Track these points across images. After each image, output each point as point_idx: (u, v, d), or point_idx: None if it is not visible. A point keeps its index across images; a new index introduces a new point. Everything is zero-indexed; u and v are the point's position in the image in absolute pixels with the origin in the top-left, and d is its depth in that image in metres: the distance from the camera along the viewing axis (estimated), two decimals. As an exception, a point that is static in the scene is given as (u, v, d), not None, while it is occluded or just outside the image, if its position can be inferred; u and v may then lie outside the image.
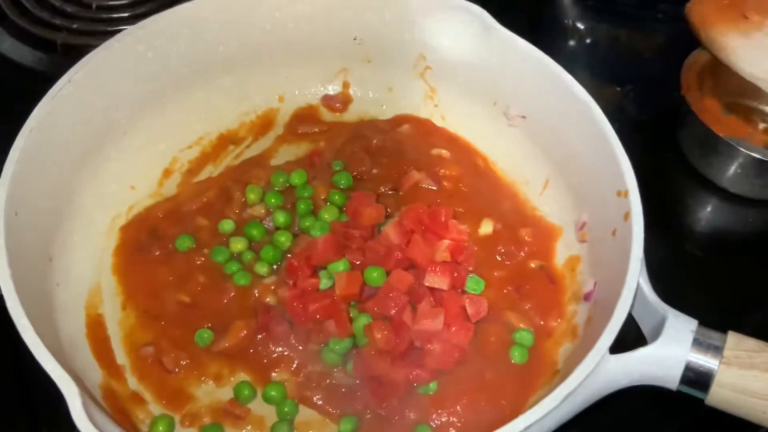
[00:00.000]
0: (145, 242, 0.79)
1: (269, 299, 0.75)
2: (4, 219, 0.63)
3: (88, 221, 0.78)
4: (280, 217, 0.80)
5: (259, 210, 0.81)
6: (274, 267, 0.78)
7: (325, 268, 0.74)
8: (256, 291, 0.75)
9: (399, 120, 0.93)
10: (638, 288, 0.63)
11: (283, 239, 0.79)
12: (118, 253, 0.79)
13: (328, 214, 0.80)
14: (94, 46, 0.78)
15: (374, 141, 0.89)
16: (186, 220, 0.81)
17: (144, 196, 0.83)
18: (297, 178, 0.84)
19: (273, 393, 0.69)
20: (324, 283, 0.73)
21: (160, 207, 0.82)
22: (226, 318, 0.74)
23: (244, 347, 0.72)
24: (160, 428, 0.66)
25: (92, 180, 0.79)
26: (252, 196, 0.82)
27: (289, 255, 0.77)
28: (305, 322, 0.71)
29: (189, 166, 0.87)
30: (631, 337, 0.67)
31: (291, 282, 0.74)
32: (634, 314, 0.66)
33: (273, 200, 0.82)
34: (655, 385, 0.62)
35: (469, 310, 0.71)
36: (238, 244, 0.79)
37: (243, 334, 0.72)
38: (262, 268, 0.77)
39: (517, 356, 0.71)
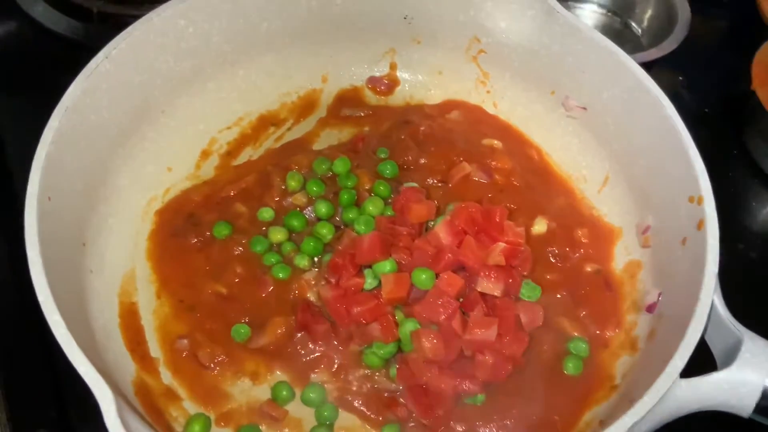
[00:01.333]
0: (182, 228, 0.76)
1: (309, 295, 0.71)
2: (37, 205, 0.59)
3: (124, 204, 0.75)
4: (323, 208, 0.76)
5: (300, 199, 0.77)
6: (315, 260, 0.74)
7: (370, 267, 0.70)
8: (295, 286, 0.71)
9: (448, 105, 0.88)
10: (712, 306, 0.58)
11: (325, 231, 0.75)
12: (152, 238, 0.76)
13: (373, 207, 0.75)
14: (132, 16, 0.74)
15: (422, 128, 0.84)
16: (224, 206, 0.77)
17: (181, 178, 0.80)
18: (340, 165, 0.79)
19: (312, 395, 0.66)
20: (369, 283, 0.69)
21: (197, 190, 0.79)
22: (264, 313, 0.70)
23: (282, 345, 0.69)
24: (196, 428, 0.63)
25: (129, 161, 0.75)
26: (293, 184, 0.78)
27: (331, 250, 0.73)
28: (348, 324, 0.67)
29: (228, 147, 0.83)
30: (695, 356, 0.62)
31: (334, 281, 0.70)
32: (705, 335, 0.61)
33: (315, 189, 0.78)
34: (726, 411, 0.58)
35: (524, 319, 0.67)
36: (277, 234, 0.75)
37: (281, 332, 0.69)
38: (302, 261, 0.73)
39: (571, 367, 0.67)
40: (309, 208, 0.78)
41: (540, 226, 0.77)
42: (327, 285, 0.70)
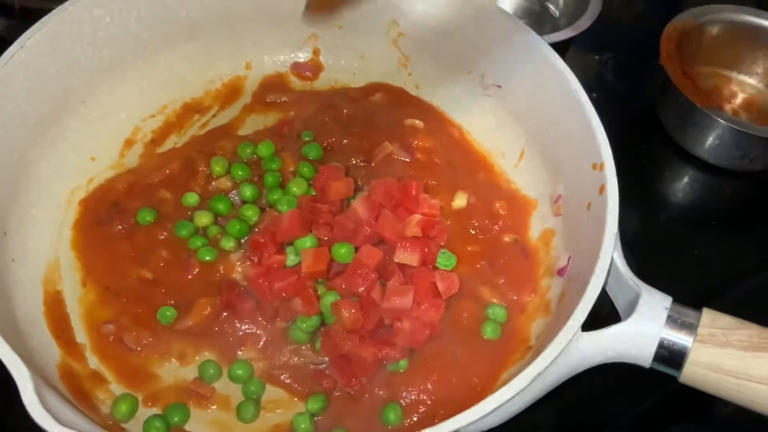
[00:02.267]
0: (105, 216, 0.76)
1: (235, 276, 0.72)
2: (-49, 193, 0.59)
3: (46, 194, 0.75)
4: (247, 191, 0.77)
5: (225, 183, 0.79)
6: (241, 242, 0.75)
7: (291, 244, 0.71)
8: (221, 267, 0.73)
9: (371, 88, 0.90)
10: (612, 263, 0.61)
11: (250, 213, 0.76)
12: (77, 227, 0.76)
13: (297, 188, 0.77)
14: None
15: (345, 110, 0.86)
16: (148, 193, 0.78)
17: (105, 167, 0.80)
18: (264, 149, 0.81)
19: (239, 372, 0.67)
20: (291, 260, 0.71)
21: (121, 179, 0.79)
22: (190, 295, 0.71)
23: (208, 325, 0.70)
24: (123, 408, 0.64)
25: (49, 151, 0.75)
26: (218, 168, 0.79)
27: (255, 230, 0.74)
28: (271, 300, 0.69)
29: (152, 136, 0.84)
30: (604, 314, 0.66)
31: (256, 259, 0.71)
32: (608, 290, 0.65)
33: (240, 173, 0.79)
34: (628, 362, 0.61)
35: (440, 287, 0.69)
36: (203, 219, 0.76)
37: (207, 312, 0.70)
38: (228, 243, 0.74)
39: (489, 332, 0.70)
40: (234, 191, 0.79)
41: (460, 201, 0.79)
42: (249, 264, 0.71)
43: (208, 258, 0.73)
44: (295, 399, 0.67)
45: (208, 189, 0.79)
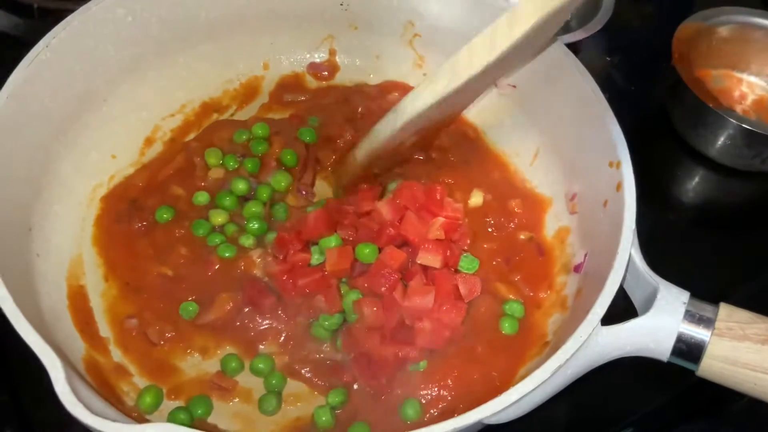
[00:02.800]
0: (125, 213, 0.77)
1: (256, 272, 0.73)
2: (-20, 190, 0.61)
3: (68, 191, 0.76)
4: (239, 184, 0.78)
5: (219, 172, 0.79)
6: (260, 239, 0.76)
7: (317, 243, 0.73)
8: (242, 264, 0.74)
9: (389, 87, 0.91)
10: (630, 259, 0.62)
11: (255, 209, 0.77)
12: (98, 224, 0.77)
13: (279, 182, 0.79)
14: (73, 11, 0.75)
15: (359, 108, 0.87)
16: (163, 189, 0.79)
17: (125, 165, 0.81)
18: (259, 129, 0.82)
19: (261, 365, 0.68)
20: (316, 258, 0.72)
21: (138, 175, 0.80)
22: (212, 290, 0.72)
23: (230, 320, 0.71)
24: (148, 399, 0.65)
25: (72, 148, 0.76)
26: (212, 160, 0.80)
27: (275, 229, 0.75)
28: (295, 296, 0.70)
29: (171, 134, 0.85)
30: (621, 309, 0.66)
31: (281, 257, 0.72)
32: (626, 286, 0.66)
33: (231, 163, 0.80)
34: (646, 356, 0.62)
35: (462, 290, 0.70)
36: (218, 218, 0.77)
37: (229, 307, 0.71)
38: (247, 241, 0.75)
39: (507, 327, 0.71)
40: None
41: (476, 199, 0.80)
42: (274, 260, 0.72)
43: (227, 255, 0.74)
44: (316, 393, 0.68)
45: (208, 182, 0.79)
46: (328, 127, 0.84)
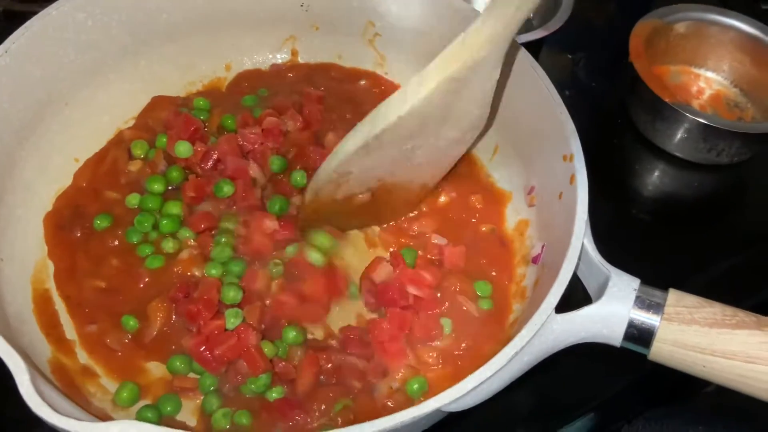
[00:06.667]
0: (68, 221, 0.76)
1: (195, 270, 0.73)
2: (-60, 193, 0.61)
3: (32, 195, 0.76)
4: (154, 184, 0.77)
5: (137, 165, 0.79)
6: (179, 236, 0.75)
7: (229, 306, 0.69)
8: (178, 267, 0.73)
9: (358, 74, 0.92)
10: (583, 249, 0.64)
11: (176, 210, 0.76)
12: (45, 231, 0.76)
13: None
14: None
15: (322, 87, 0.88)
16: (99, 193, 0.78)
17: (88, 168, 0.81)
18: (199, 102, 0.84)
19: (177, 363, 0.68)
20: (231, 322, 0.68)
21: (81, 175, 0.80)
22: (147, 302, 0.71)
23: (167, 329, 0.70)
24: (124, 395, 0.66)
25: (34, 152, 0.76)
26: (138, 151, 0.80)
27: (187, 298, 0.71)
28: (217, 368, 0.67)
29: (134, 137, 0.85)
30: (580, 298, 0.68)
31: (195, 329, 0.69)
32: (580, 275, 0.67)
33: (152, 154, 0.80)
34: (601, 342, 0.64)
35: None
36: (144, 222, 0.75)
37: (161, 315, 0.70)
38: (167, 244, 0.74)
39: (483, 303, 0.74)
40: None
41: (443, 198, 0.82)
42: (188, 334, 0.69)
43: (156, 265, 0.73)
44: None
45: (128, 177, 0.79)
46: (276, 97, 0.84)
